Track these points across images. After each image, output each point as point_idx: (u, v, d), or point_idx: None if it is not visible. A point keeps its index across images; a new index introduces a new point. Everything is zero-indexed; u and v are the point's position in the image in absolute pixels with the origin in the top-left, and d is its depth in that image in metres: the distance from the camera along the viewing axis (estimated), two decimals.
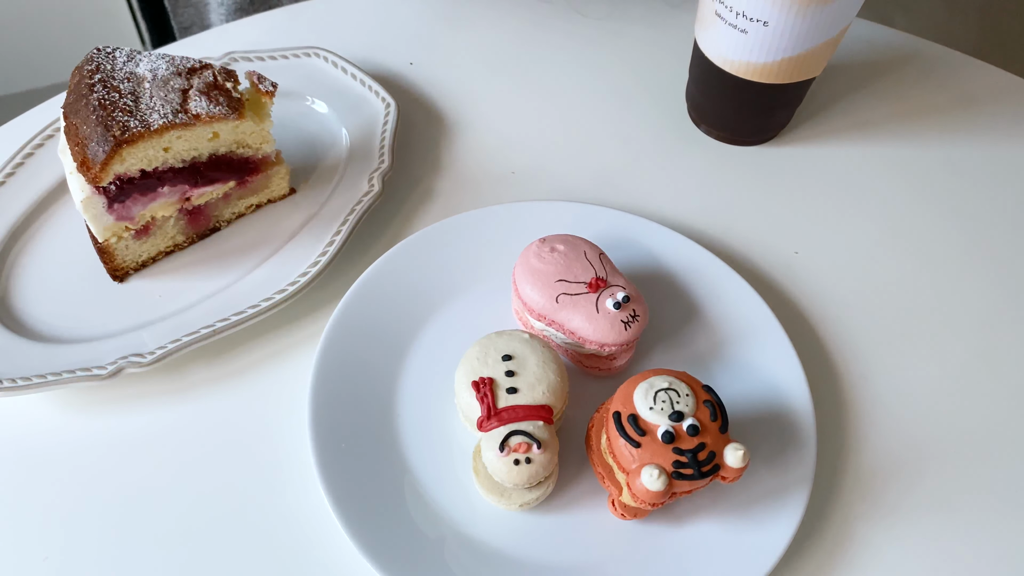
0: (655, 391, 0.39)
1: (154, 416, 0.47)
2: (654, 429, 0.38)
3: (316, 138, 0.60)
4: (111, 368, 0.46)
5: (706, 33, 0.55)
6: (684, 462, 0.37)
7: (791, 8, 0.49)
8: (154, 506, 0.44)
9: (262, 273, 0.51)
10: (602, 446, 0.41)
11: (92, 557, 0.42)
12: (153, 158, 0.48)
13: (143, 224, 0.50)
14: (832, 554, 0.43)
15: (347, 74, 0.62)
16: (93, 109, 0.46)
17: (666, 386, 0.39)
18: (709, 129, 0.62)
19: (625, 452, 0.38)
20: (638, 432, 0.38)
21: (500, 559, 0.41)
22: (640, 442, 0.38)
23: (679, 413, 0.38)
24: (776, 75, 0.54)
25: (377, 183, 0.55)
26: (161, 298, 0.51)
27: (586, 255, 0.47)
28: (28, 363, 0.46)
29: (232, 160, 0.52)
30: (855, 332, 0.52)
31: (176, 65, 0.49)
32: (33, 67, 1.46)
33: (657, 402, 0.39)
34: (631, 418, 0.38)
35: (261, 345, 0.50)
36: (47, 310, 0.50)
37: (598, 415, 0.43)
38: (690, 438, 0.38)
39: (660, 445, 0.38)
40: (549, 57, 0.68)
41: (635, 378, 0.40)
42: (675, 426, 0.38)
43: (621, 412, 0.39)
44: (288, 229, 0.54)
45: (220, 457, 0.45)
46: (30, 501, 0.44)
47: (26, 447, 0.46)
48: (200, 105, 0.48)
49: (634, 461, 0.38)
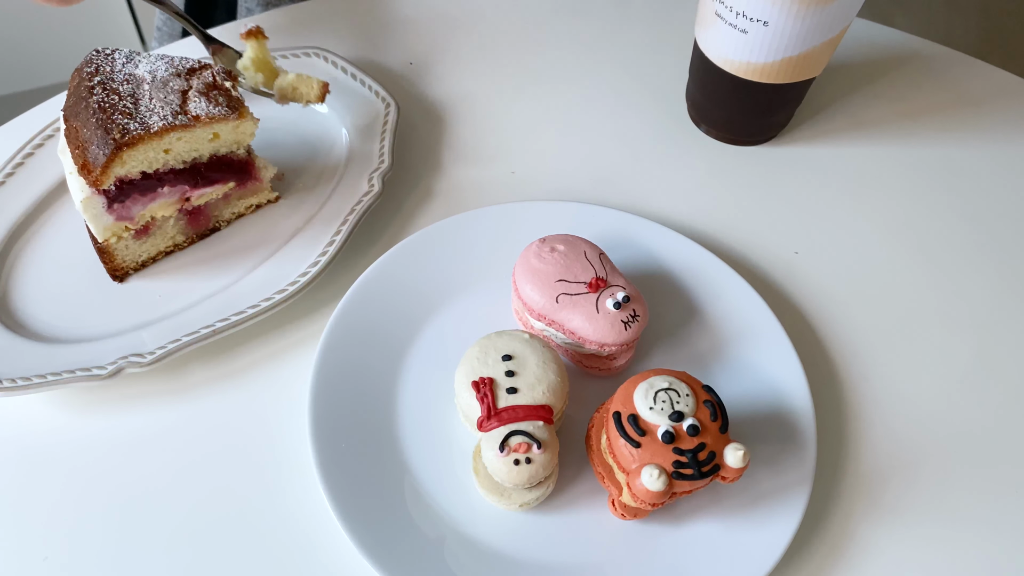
0: (655, 391, 0.39)
1: (154, 416, 0.47)
2: (654, 429, 0.38)
3: (316, 138, 0.60)
4: (111, 368, 0.46)
5: (706, 33, 0.55)
6: (684, 462, 0.37)
7: (791, 8, 0.49)
8: (154, 506, 0.44)
9: (262, 273, 0.51)
10: (602, 446, 0.41)
11: (92, 557, 0.42)
12: (154, 160, 0.48)
13: (143, 224, 0.50)
14: (832, 554, 0.43)
15: (347, 74, 0.62)
16: (93, 112, 0.46)
17: (666, 386, 0.39)
18: (709, 129, 0.62)
19: (625, 452, 0.38)
20: (638, 432, 0.38)
21: (500, 559, 0.41)
22: (640, 442, 0.38)
23: (679, 413, 0.38)
24: (776, 75, 0.54)
25: (377, 183, 0.55)
26: (161, 298, 0.51)
27: (586, 255, 0.47)
28: (28, 363, 0.46)
29: (232, 161, 0.52)
30: (855, 332, 0.52)
31: (175, 66, 0.49)
32: (33, 67, 1.46)
33: (657, 402, 0.39)
34: (631, 418, 0.38)
35: (261, 345, 0.50)
36: (47, 310, 0.50)
37: (598, 415, 0.43)
38: (690, 438, 0.38)
39: (660, 445, 0.38)
40: (549, 57, 0.68)
41: (635, 378, 0.40)
42: (675, 426, 0.38)
43: (621, 412, 0.39)
44: (288, 229, 0.54)
45: (220, 457, 0.45)
46: (30, 501, 0.44)
47: (26, 447, 0.46)
48: (199, 106, 0.48)
49: (634, 461, 0.38)
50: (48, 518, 0.43)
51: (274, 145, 0.59)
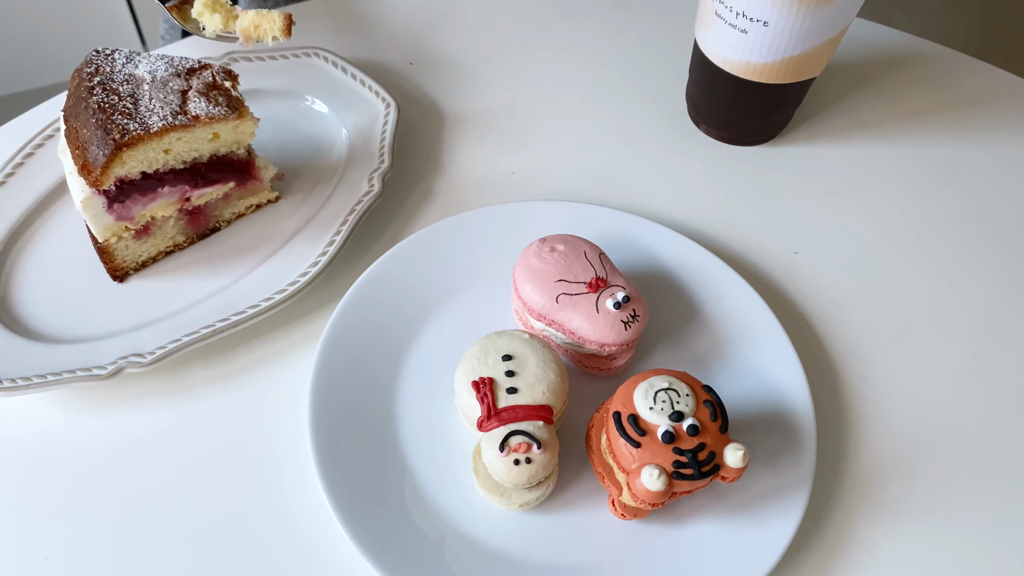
0: (655, 391, 0.39)
1: (153, 416, 0.47)
2: (654, 429, 0.38)
3: (316, 138, 0.60)
4: (111, 368, 0.46)
5: (706, 33, 0.55)
6: (684, 462, 0.37)
7: (791, 8, 0.49)
8: (153, 506, 0.44)
9: (262, 273, 0.51)
10: (602, 446, 0.41)
11: (92, 556, 0.42)
12: (154, 160, 0.48)
13: (143, 224, 0.50)
14: (832, 554, 0.43)
15: (347, 74, 0.62)
16: (93, 112, 0.46)
17: (666, 386, 0.39)
18: (709, 129, 0.62)
19: (625, 452, 0.38)
20: (638, 432, 0.38)
21: (500, 559, 0.41)
22: (640, 442, 0.38)
23: (679, 413, 0.38)
24: (776, 75, 0.54)
25: (377, 183, 0.55)
26: (161, 298, 0.51)
27: (586, 255, 0.47)
28: (28, 363, 0.46)
29: (232, 161, 0.52)
30: (855, 332, 0.52)
31: (175, 66, 0.49)
32: (33, 67, 1.47)
33: (657, 402, 0.39)
34: (631, 418, 0.38)
35: (261, 345, 0.50)
36: (47, 310, 0.50)
37: (598, 415, 0.43)
38: (690, 438, 0.38)
39: (660, 445, 0.38)
40: (549, 57, 0.68)
41: (635, 378, 0.40)
42: (675, 426, 0.38)
43: (621, 412, 0.39)
44: (288, 229, 0.54)
45: (220, 458, 0.45)
46: (30, 500, 0.44)
47: (26, 447, 0.46)
48: (199, 106, 0.48)
49: (634, 461, 0.38)
50: (48, 517, 0.43)
51: (274, 145, 0.59)
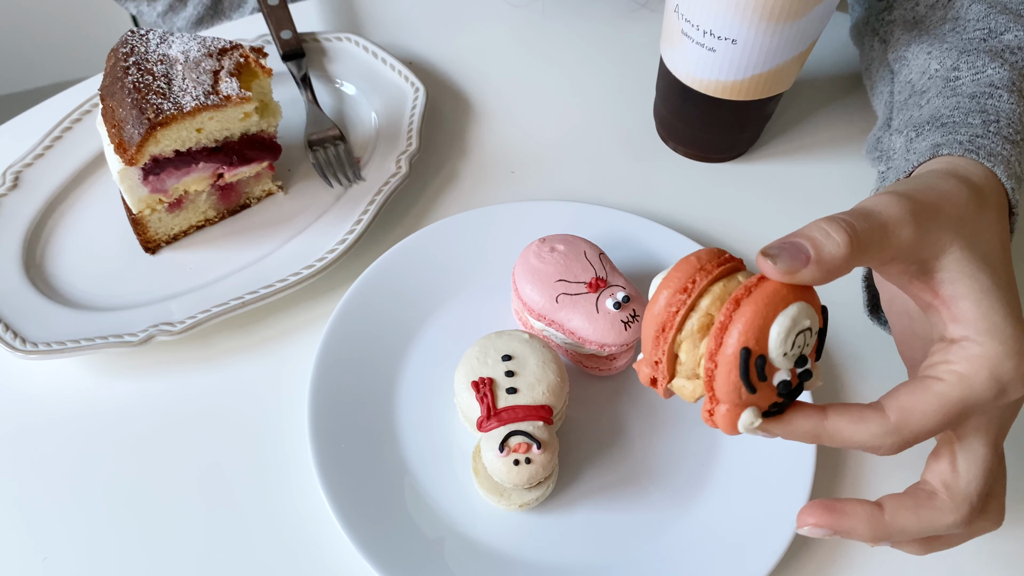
0: (797, 333, 0.31)
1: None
2: (773, 374, 0.32)
3: (346, 120, 0.61)
4: (142, 336, 0.47)
5: (673, 52, 0.54)
6: (780, 403, 0.32)
7: (760, 26, 0.48)
8: (152, 497, 0.44)
9: (291, 249, 0.53)
10: (699, 351, 0.33)
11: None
12: (187, 139, 0.49)
13: (176, 197, 0.52)
14: (832, 554, 0.43)
15: (377, 59, 0.63)
16: (128, 92, 0.47)
17: (807, 325, 0.32)
18: (676, 146, 0.61)
19: (731, 387, 0.31)
20: (760, 378, 0.31)
21: (500, 559, 0.41)
22: (757, 388, 0.31)
23: (804, 358, 0.32)
24: (746, 92, 0.53)
25: (405, 165, 0.56)
26: (191, 270, 0.52)
27: (586, 255, 0.47)
28: (63, 328, 0.48)
29: (264, 140, 0.53)
30: (855, 332, 0.52)
31: (207, 47, 0.50)
32: (33, 67, 1.47)
33: (793, 348, 0.31)
34: (760, 361, 0.31)
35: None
36: (82, 278, 0.51)
37: (703, 303, 0.32)
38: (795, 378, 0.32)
39: (771, 391, 0.32)
40: (549, 57, 0.68)
41: (776, 298, 0.31)
42: (791, 369, 0.32)
43: (752, 351, 0.31)
44: (316, 208, 0.55)
45: (220, 457, 0.46)
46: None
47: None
48: (231, 86, 0.49)
49: (738, 401, 0.32)
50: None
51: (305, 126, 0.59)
